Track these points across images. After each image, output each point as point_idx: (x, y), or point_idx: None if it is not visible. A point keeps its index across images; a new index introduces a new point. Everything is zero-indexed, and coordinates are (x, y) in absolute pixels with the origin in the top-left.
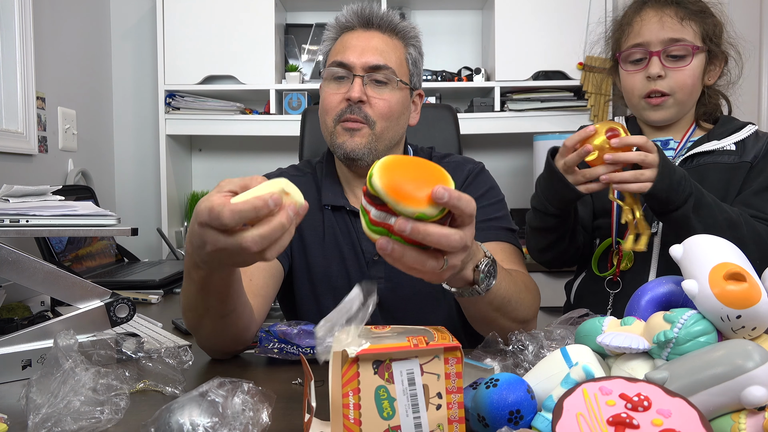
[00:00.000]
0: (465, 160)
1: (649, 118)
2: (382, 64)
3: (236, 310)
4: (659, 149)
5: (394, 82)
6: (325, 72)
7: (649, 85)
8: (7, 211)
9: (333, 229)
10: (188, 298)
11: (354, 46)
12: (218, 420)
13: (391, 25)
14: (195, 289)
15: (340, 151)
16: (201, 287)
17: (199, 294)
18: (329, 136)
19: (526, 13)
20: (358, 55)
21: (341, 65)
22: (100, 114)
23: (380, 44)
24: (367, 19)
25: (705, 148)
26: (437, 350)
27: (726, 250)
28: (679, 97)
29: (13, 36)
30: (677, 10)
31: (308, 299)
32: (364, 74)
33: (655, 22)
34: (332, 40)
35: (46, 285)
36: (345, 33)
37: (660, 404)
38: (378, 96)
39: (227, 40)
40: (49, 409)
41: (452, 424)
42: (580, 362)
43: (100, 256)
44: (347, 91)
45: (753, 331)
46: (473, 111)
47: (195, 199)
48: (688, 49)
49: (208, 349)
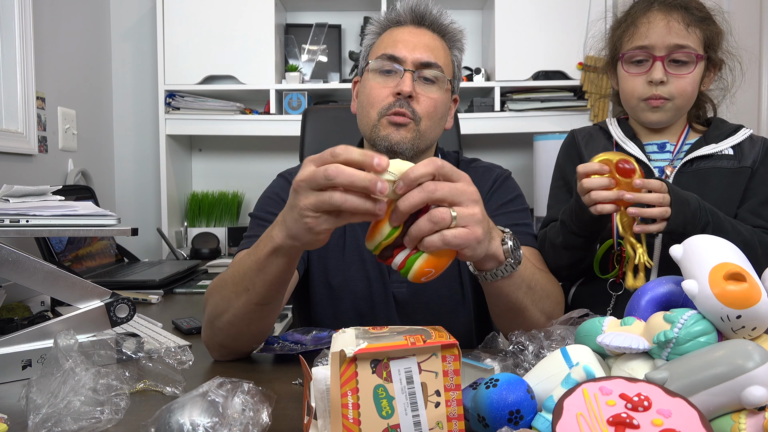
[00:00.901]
0: (493, 166)
1: (647, 119)
2: (433, 62)
3: (272, 305)
4: (669, 186)
5: (442, 81)
6: (373, 64)
7: (650, 89)
8: (7, 211)
9: (354, 232)
10: (238, 270)
11: (406, 41)
12: (218, 420)
13: (442, 26)
14: (252, 262)
15: (383, 143)
16: (259, 261)
17: (254, 269)
18: (370, 129)
19: (526, 13)
20: (410, 50)
21: (392, 58)
22: (100, 114)
23: (431, 42)
24: (421, 17)
25: (704, 152)
26: (434, 348)
27: (726, 250)
28: (679, 102)
29: (13, 36)
30: (684, 15)
31: (325, 304)
32: (414, 70)
33: (662, 26)
34: (376, 34)
35: (46, 285)
36: (394, 28)
37: (660, 404)
38: (425, 94)
39: (227, 40)
40: (49, 409)
41: (451, 421)
42: (581, 362)
43: (100, 256)
44: (396, 85)
45: (753, 331)
46: (473, 111)
47: (195, 199)
48: (692, 57)
49: (219, 343)
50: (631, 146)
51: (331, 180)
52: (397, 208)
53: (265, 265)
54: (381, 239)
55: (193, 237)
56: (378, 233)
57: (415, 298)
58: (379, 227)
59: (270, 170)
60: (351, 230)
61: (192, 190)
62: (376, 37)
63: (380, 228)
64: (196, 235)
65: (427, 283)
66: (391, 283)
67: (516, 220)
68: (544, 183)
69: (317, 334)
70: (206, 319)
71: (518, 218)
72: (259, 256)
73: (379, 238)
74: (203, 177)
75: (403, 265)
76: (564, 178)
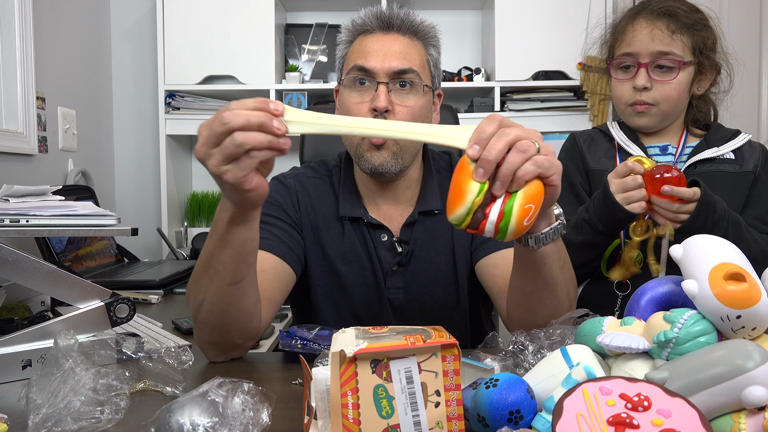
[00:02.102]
0: None
1: (634, 123)
2: (406, 68)
3: (244, 282)
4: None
5: (418, 87)
6: (346, 78)
7: (635, 95)
8: (7, 211)
9: (351, 239)
10: (204, 257)
11: (376, 51)
12: (218, 420)
13: (412, 27)
14: (214, 241)
15: (367, 166)
16: (221, 238)
17: (219, 247)
18: (355, 149)
19: (526, 13)
20: (381, 60)
21: (362, 70)
22: (100, 114)
23: (402, 47)
24: (388, 22)
25: (707, 155)
26: (434, 348)
27: (726, 250)
28: (664, 108)
29: (13, 36)
30: (669, 22)
31: (324, 309)
32: (388, 80)
33: (646, 34)
34: (347, 43)
35: (46, 285)
36: (363, 36)
37: (660, 404)
38: (402, 103)
39: (227, 40)
40: (49, 409)
41: (451, 421)
42: (582, 362)
43: (100, 256)
44: (372, 100)
45: (753, 331)
46: (473, 111)
47: (195, 199)
48: (675, 64)
49: (207, 341)
50: (634, 149)
51: (226, 124)
52: (483, 160)
53: (227, 239)
54: (473, 197)
55: (193, 237)
56: (467, 193)
57: (411, 304)
58: (464, 189)
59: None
60: (348, 237)
61: (192, 190)
62: (347, 47)
63: (467, 188)
64: (196, 235)
65: (422, 289)
66: (387, 290)
67: None
68: None
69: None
70: (192, 319)
71: None
72: (219, 233)
73: (470, 197)
74: (203, 177)
75: (501, 216)
76: (567, 180)
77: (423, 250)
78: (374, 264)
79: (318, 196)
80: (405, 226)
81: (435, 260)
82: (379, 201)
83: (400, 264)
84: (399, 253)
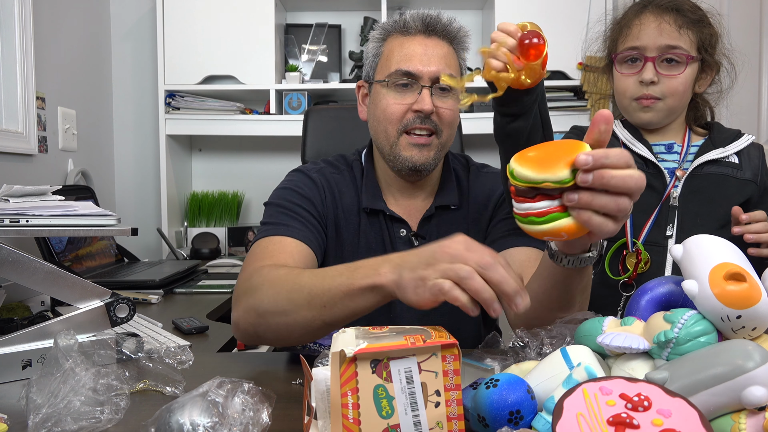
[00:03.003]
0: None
1: (639, 119)
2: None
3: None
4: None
5: (455, 90)
6: (389, 81)
7: (641, 89)
8: (7, 211)
9: (367, 233)
10: (317, 281)
11: (420, 55)
12: (218, 420)
13: (451, 34)
14: (345, 285)
15: (406, 164)
16: (355, 291)
17: (342, 292)
18: (390, 146)
19: (526, 13)
20: (425, 64)
21: (407, 74)
22: (100, 114)
23: (442, 52)
24: (432, 26)
25: (713, 156)
26: (434, 348)
27: (726, 250)
28: (670, 102)
29: (13, 36)
30: (676, 17)
31: None
32: (431, 84)
33: (653, 27)
34: (382, 41)
35: (46, 285)
36: (402, 37)
37: (660, 404)
38: (444, 106)
39: (227, 40)
40: (49, 409)
41: (451, 421)
42: (583, 363)
43: (100, 256)
44: (414, 102)
45: (753, 331)
46: (473, 111)
47: (195, 199)
48: (683, 58)
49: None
50: (639, 147)
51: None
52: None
53: (356, 295)
54: (555, 179)
55: (193, 237)
56: (556, 169)
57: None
58: (557, 165)
59: (270, 170)
60: (365, 230)
61: (192, 190)
62: (381, 43)
63: (558, 168)
64: (196, 235)
65: None
66: None
67: None
68: None
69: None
70: (252, 305)
71: None
72: (353, 284)
73: (553, 176)
74: (203, 177)
75: (542, 215)
76: None
77: None
78: None
79: (340, 190)
80: (423, 220)
81: None
82: (398, 196)
83: None
84: (415, 247)
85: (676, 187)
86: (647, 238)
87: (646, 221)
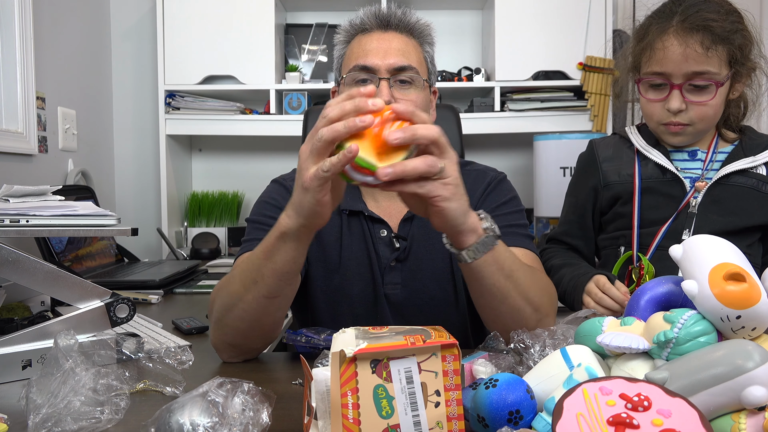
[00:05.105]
0: (487, 169)
1: (669, 141)
2: (406, 65)
3: (281, 297)
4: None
5: (418, 82)
6: (347, 77)
7: (669, 116)
8: (7, 211)
9: (350, 234)
10: (245, 265)
11: (375, 49)
12: (218, 420)
13: (409, 26)
14: (262, 251)
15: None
16: (266, 251)
17: (262, 258)
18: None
19: (526, 13)
20: (381, 57)
21: (364, 69)
22: (100, 114)
23: (401, 45)
24: (386, 21)
25: (741, 166)
26: (434, 348)
27: (726, 250)
28: (700, 126)
29: (13, 36)
30: (704, 37)
31: (323, 307)
32: (389, 77)
33: (679, 53)
34: (345, 43)
35: (46, 285)
36: (361, 35)
37: (660, 404)
38: (405, 97)
39: (227, 40)
40: (49, 409)
41: (451, 421)
42: (583, 363)
43: (100, 256)
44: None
45: (753, 332)
46: (473, 111)
47: (195, 199)
48: (711, 83)
49: (228, 343)
50: (655, 154)
51: (324, 117)
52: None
53: (273, 252)
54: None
55: (193, 237)
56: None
57: (408, 301)
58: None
59: (270, 170)
60: (347, 232)
61: (192, 190)
62: (345, 46)
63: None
64: (196, 235)
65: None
66: (384, 286)
67: (511, 221)
68: (544, 183)
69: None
70: (214, 319)
71: (513, 219)
72: (267, 244)
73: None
74: (203, 177)
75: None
76: (577, 203)
77: (420, 246)
78: (372, 260)
79: None
80: (403, 221)
81: (432, 257)
82: (379, 197)
83: (398, 260)
84: (397, 248)
85: (696, 197)
86: (661, 244)
87: (659, 229)
